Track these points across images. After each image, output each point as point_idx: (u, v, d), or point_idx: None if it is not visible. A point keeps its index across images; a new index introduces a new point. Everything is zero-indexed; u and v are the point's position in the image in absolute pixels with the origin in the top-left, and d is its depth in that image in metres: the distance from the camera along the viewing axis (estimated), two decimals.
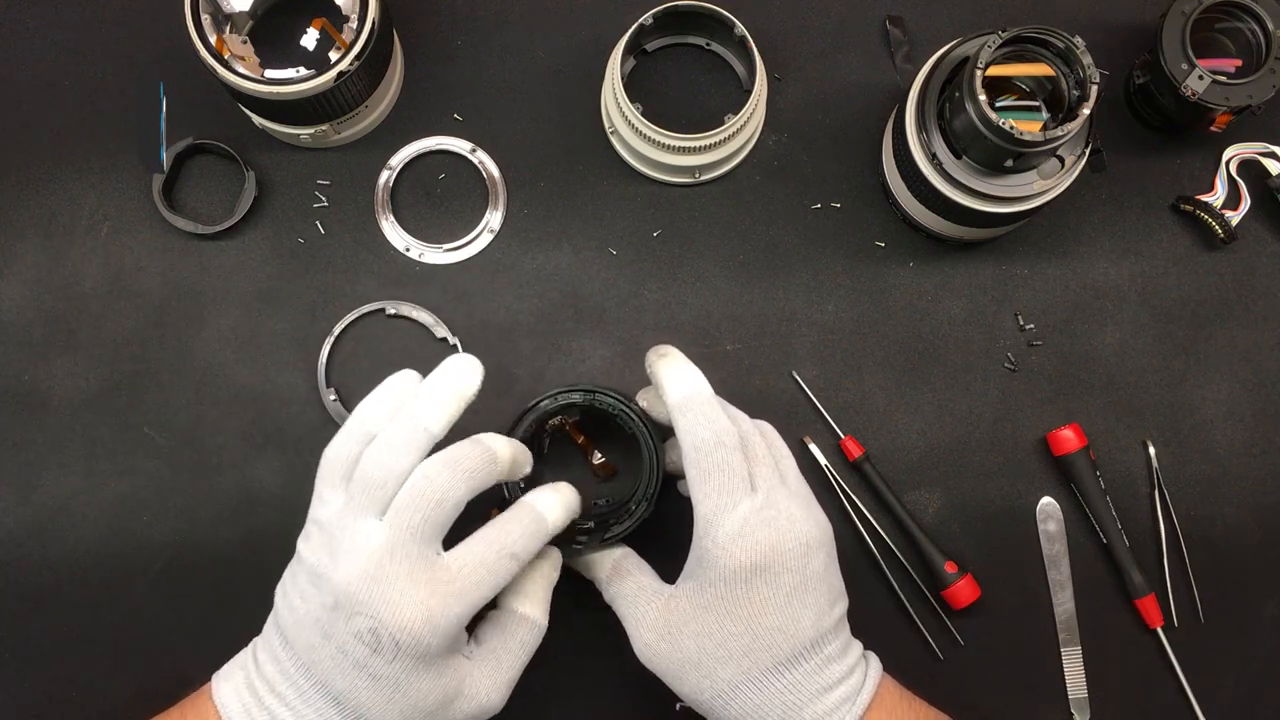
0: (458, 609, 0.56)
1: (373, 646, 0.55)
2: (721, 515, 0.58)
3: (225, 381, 0.74)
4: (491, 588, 0.57)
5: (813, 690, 0.58)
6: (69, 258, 0.75)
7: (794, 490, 0.61)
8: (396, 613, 0.55)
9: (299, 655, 0.57)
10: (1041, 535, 0.74)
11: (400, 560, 0.56)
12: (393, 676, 0.56)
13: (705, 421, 0.59)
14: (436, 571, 0.56)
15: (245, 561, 0.73)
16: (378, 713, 0.56)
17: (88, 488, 0.73)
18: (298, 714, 0.57)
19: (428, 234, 0.76)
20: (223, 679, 0.60)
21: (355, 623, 0.55)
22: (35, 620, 0.73)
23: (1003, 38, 0.64)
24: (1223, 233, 0.75)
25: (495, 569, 0.58)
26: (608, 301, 0.76)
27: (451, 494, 0.56)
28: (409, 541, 0.56)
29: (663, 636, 0.60)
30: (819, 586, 0.59)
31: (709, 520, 0.59)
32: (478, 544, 0.58)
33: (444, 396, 0.59)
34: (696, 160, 0.73)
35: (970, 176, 0.68)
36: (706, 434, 0.59)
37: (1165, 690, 0.73)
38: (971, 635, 0.73)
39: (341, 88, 0.70)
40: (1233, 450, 0.75)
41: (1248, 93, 0.71)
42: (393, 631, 0.55)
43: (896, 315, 0.76)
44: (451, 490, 0.56)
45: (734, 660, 0.58)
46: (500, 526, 0.59)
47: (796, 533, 0.59)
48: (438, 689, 0.57)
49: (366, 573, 0.55)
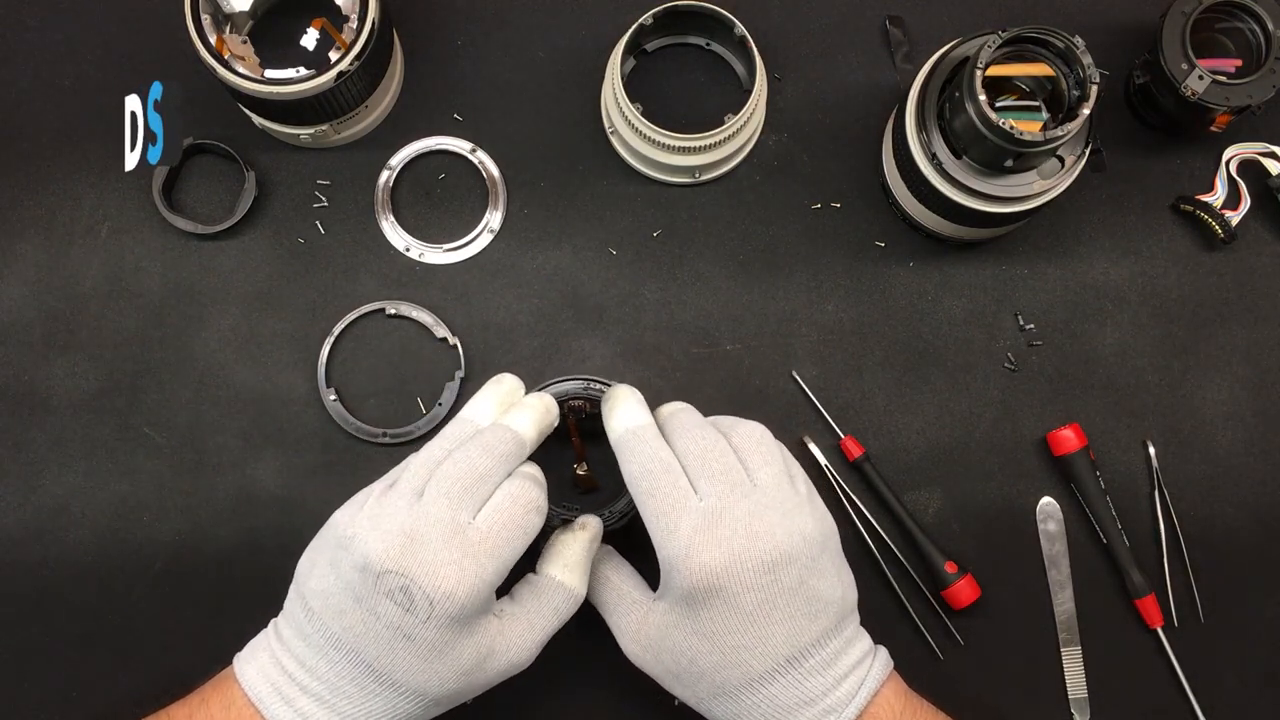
0: (492, 566, 0.57)
1: (405, 606, 0.55)
2: (665, 539, 0.58)
3: (225, 381, 0.74)
4: (523, 542, 0.59)
5: (793, 702, 0.58)
6: (69, 258, 0.75)
7: (770, 499, 0.59)
8: (430, 571, 0.55)
9: (327, 625, 0.57)
10: (1041, 535, 0.74)
11: (433, 524, 0.56)
12: (428, 638, 0.55)
13: (635, 454, 0.61)
14: (469, 534, 0.57)
15: (245, 561, 0.73)
16: (415, 675, 0.56)
17: (88, 488, 0.73)
18: (331, 686, 0.57)
19: (428, 234, 0.76)
20: (245, 661, 0.60)
21: (386, 581, 0.55)
22: (35, 620, 0.73)
23: (1003, 38, 0.64)
24: (1223, 233, 0.75)
25: (523, 524, 0.59)
26: (608, 301, 0.76)
27: (493, 473, 0.59)
28: (444, 508, 0.57)
29: (645, 648, 0.61)
30: (792, 602, 0.57)
31: (657, 545, 0.59)
32: (504, 502, 0.59)
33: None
34: (696, 160, 0.73)
35: (970, 176, 0.68)
36: (634, 467, 0.60)
37: (1165, 690, 0.73)
38: (971, 635, 0.73)
39: (341, 88, 0.70)
40: (1233, 450, 0.75)
41: (1248, 93, 0.71)
42: (427, 590, 0.55)
43: (896, 315, 0.76)
44: (492, 471, 0.59)
45: (707, 677, 0.58)
46: (517, 485, 0.60)
47: (758, 549, 0.57)
48: (471, 648, 0.57)
49: (399, 533, 0.56)
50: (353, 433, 0.74)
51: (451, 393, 0.74)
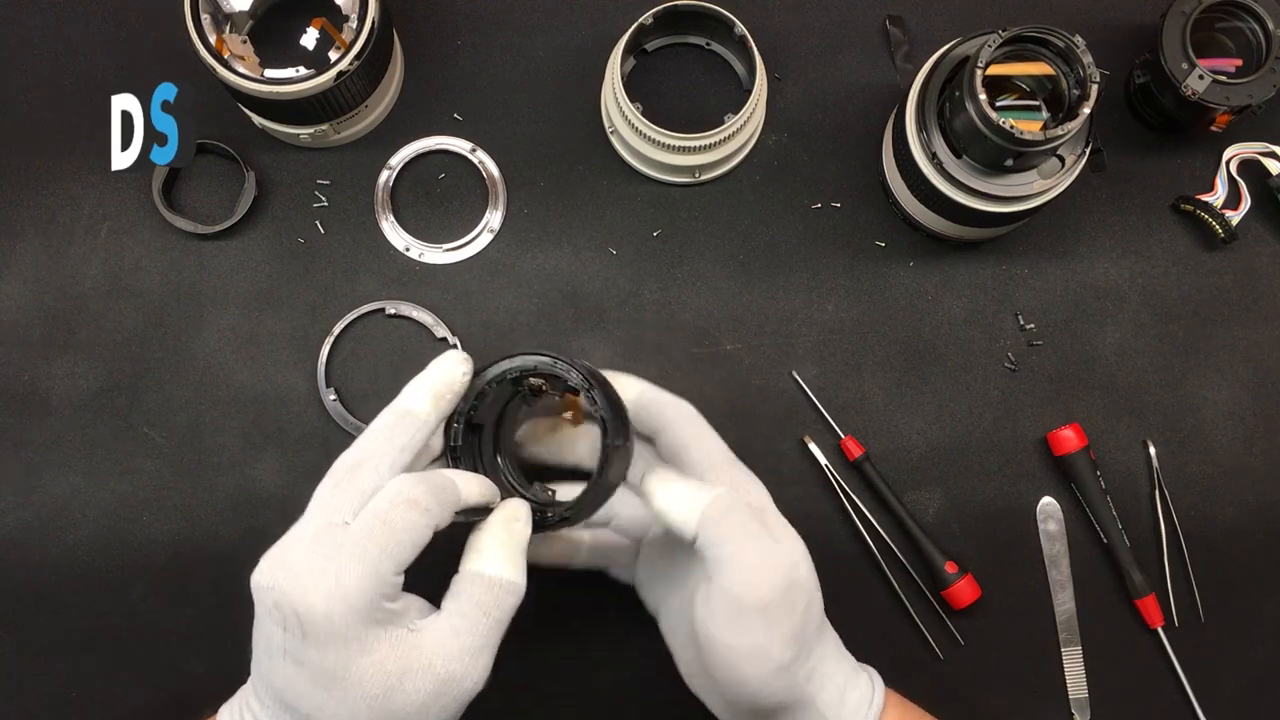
0: (356, 571, 0.50)
1: (281, 624, 0.50)
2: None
3: (225, 381, 0.74)
4: (395, 544, 0.51)
5: None
6: (69, 258, 0.75)
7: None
8: (292, 579, 0.50)
9: (256, 662, 0.54)
10: (1042, 535, 0.74)
11: (305, 525, 0.52)
12: (314, 660, 0.50)
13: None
14: (337, 535, 0.51)
15: (245, 561, 0.72)
16: (322, 709, 0.50)
17: (88, 488, 0.73)
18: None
19: (428, 234, 0.76)
20: (225, 705, 0.56)
21: (263, 597, 0.51)
22: (35, 620, 0.72)
23: (1003, 37, 0.64)
24: (1223, 233, 0.75)
25: (393, 520, 0.51)
26: (608, 301, 0.76)
27: (370, 460, 0.54)
28: (317, 507, 0.53)
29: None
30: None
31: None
32: (374, 499, 0.52)
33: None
34: (696, 160, 0.73)
35: (970, 176, 0.68)
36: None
37: (1165, 690, 0.73)
38: (971, 635, 0.73)
39: (341, 87, 0.70)
40: (1233, 450, 0.75)
41: (1248, 92, 0.71)
42: (293, 603, 0.50)
43: (896, 315, 0.76)
44: (370, 456, 0.54)
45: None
46: (399, 479, 0.53)
47: None
48: (373, 668, 0.50)
49: (280, 543, 0.52)
50: (352, 433, 0.73)
51: None
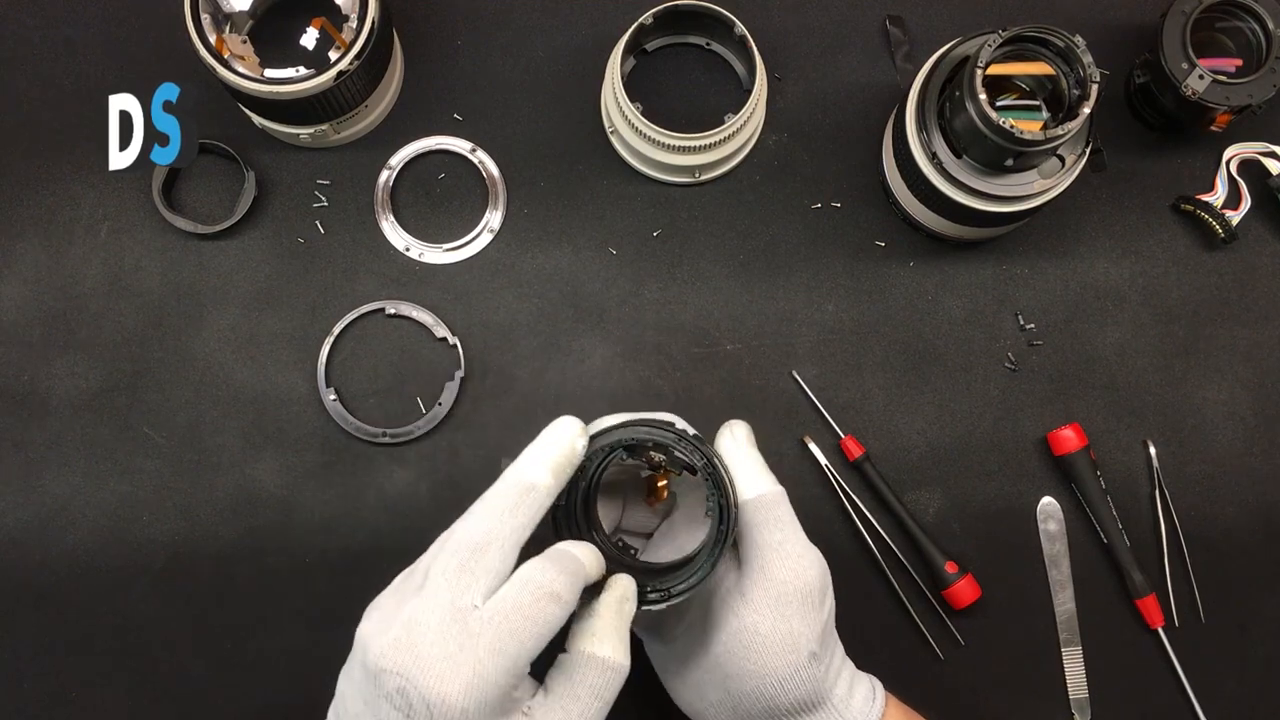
0: (494, 664, 0.49)
1: (405, 711, 0.48)
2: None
3: (225, 381, 0.74)
4: (534, 637, 0.50)
5: None
6: (69, 258, 0.75)
7: None
8: (424, 669, 0.48)
9: None
10: (1042, 535, 0.74)
11: (431, 609, 0.50)
12: None
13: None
14: (470, 623, 0.49)
15: (245, 561, 0.73)
16: None
17: (88, 488, 0.73)
18: None
19: (428, 234, 0.76)
20: None
21: (384, 682, 0.49)
22: (35, 620, 0.72)
23: (1003, 37, 0.64)
24: (1223, 233, 0.75)
25: (533, 614, 0.50)
26: (608, 301, 0.76)
27: (495, 539, 0.52)
28: (443, 589, 0.50)
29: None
30: None
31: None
32: (511, 588, 0.51)
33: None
34: (696, 160, 0.73)
35: (970, 176, 0.68)
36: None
37: (1165, 690, 0.73)
38: (972, 635, 0.73)
39: (341, 87, 0.70)
40: (1233, 450, 0.75)
41: (1248, 92, 0.71)
42: (422, 692, 0.48)
43: (896, 315, 0.76)
44: (493, 535, 0.52)
45: None
46: (534, 565, 0.52)
47: None
48: None
49: (400, 623, 0.50)
50: (353, 433, 0.74)
51: (451, 392, 0.74)
